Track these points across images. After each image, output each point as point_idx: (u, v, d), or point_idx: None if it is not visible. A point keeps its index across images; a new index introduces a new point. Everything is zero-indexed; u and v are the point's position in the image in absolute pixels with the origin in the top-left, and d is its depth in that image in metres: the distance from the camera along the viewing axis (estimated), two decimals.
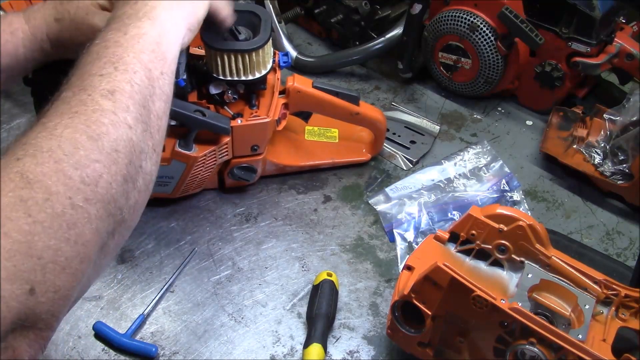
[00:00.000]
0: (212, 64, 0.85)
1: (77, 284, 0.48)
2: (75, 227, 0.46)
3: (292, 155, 1.00)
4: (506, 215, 0.71)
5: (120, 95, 0.52)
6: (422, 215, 0.95)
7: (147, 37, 0.58)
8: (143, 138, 0.53)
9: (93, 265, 0.50)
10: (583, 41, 1.02)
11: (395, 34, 1.13)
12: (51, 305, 0.46)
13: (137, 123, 0.53)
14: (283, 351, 0.80)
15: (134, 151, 0.52)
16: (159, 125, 0.57)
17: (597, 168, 0.99)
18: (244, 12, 0.87)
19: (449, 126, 1.12)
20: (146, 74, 0.55)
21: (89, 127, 0.49)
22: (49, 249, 0.45)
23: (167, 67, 0.59)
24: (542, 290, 0.67)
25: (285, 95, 0.92)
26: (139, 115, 0.53)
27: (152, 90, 0.56)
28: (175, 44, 0.61)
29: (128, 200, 0.52)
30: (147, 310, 0.83)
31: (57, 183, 0.46)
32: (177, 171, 0.88)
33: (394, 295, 0.71)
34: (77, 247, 0.47)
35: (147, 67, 0.56)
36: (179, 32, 0.62)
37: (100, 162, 0.49)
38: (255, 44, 0.84)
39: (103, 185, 0.49)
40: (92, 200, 0.48)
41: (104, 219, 0.49)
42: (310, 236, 0.93)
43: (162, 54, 0.58)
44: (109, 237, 0.51)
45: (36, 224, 0.44)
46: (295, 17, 1.25)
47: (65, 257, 0.46)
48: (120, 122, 0.51)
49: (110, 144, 0.50)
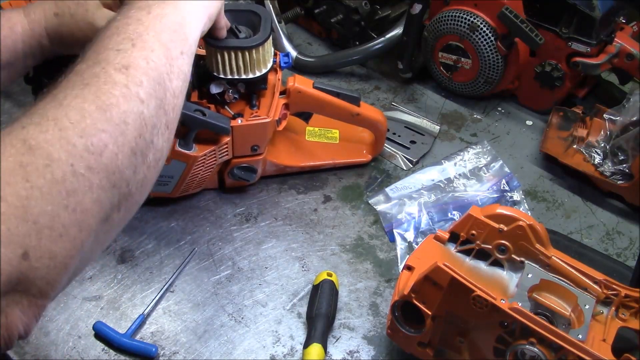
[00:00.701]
0: (213, 63, 0.85)
1: (77, 253, 0.48)
2: (75, 195, 0.46)
3: (292, 156, 1.00)
4: (506, 215, 0.71)
5: (135, 70, 0.53)
6: (422, 215, 0.95)
7: (170, 17, 0.59)
8: (156, 114, 0.54)
9: (95, 237, 0.49)
10: (583, 41, 1.02)
11: (395, 34, 1.13)
12: (46, 271, 0.45)
13: (149, 98, 0.53)
14: (283, 351, 0.80)
15: (145, 125, 0.52)
16: (174, 104, 0.57)
17: (597, 168, 0.99)
18: (244, 12, 0.87)
19: (449, 126, 1.12)
20: (164, 53, 0.56)
21: (98, 97, 0.50)
22: (45, 214, 0.44)
23: (188, 48, 0.60)
24: (542, 290, 0.67)
25: (285, 96, 0.92)
26: (153, 91, 0.53)
27: (170, 68, 0.56)
28: (197, 29, 0.63)
29: (136, 174, 0.52)
30: (147, 310, 0.83)
31: (60, 150, 0.46)
32: (177, 170, 0.88)
33: (394, 295, 0.71)
34: (76, 215, 0.46)
35: (167, 46, 0.56)
36: (200, 18, 0.64)
37: (106, 132, 0.49)
38: (255, 41, 0.84)
39: (108, 156, 0.49)
40: (95, 169, 0.47)
41: (107, 189, 0.49)
42: (310, 236, 0.93)
43: (183, 34, 0.59)
44: (114, 210, 0.50)
45: (34, 189, 0.44)
46: (295, 17, 1.25)
47: (62, 224, 0.46)
48: (131, 96, 0.51)
49: (120, 116, 0.50)
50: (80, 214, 0.47)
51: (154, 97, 0.54)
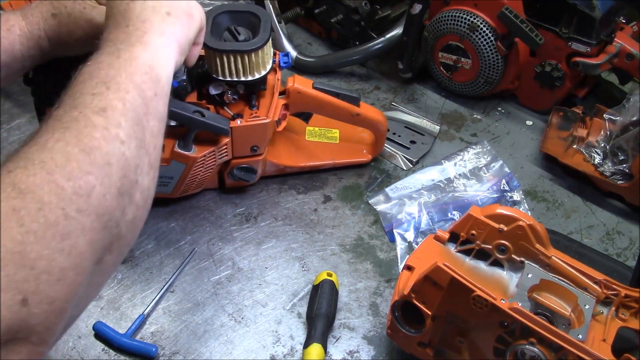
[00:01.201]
0: (212, 65, 0.85)
1: (73, 297, 0.47)
2: (69, 238, 0.46)
3: (292, 156, 1.00)
4: (506, 215, 0.71)
5: (112, 112, 0.52)
6: (422, 215, 0.95)
7: (140, 60, 0.58)
8: (137, 154, 0.53)
9: (89, 280, 0.49)
10: (583, 41, 1.02)
11: (395, 34, 1.13)
12: (45, 317, 0.45)
13: (130, 139, 0.53)
14: (283, 351, 0.80)
15: (128, 165, 0.52)
16: (154, 143, 0.57)
17: (597, 168, 0.99)
18: (243, 13, 0.87)
19: (449, 126, 1.12)
20: (139, 94, 0.56)
21: (80, 140, 0.49)
22: (42, 259, 0.44)
23: (161, 89, 0.59)
24: (542, 290, 0.67)
25: (285, 96, 0.92)
26: (132, 131, 0.53)
27: (147, 109, 0.56)
28: (168, 67, 0.62)
29: (124, 214, 0.52)
30: (147, 310, 0.83)
31: (50, 193, 0.46)
32: (177, 171, 0.88)
33: (394, 295, 0.71)
34: (72, 258, 0.46)
35: (141, 87, 0.56)
36: (171, 55, 0.63)
37: (92, 174, 0.48)
38: (254, 44, 0.84)
39: (96, 197, 0.48)
40: (86, 212, 0.47)
41: (98, 231, 0.49)
42: (310, 236, 0.93)
43: (155, 75, 0.58)
44: (105, 252, 0.50)
45: (29, 233, 0.44)
46: (295, 17, 1.25)
47: (59, 268, 0.45)
48: (112, 137, 0.51)
49: (103, 157, 0.50)
50: (75, 257, 0.46)
51: (134, 138, 0.53)
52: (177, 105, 0.82)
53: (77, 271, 0.47)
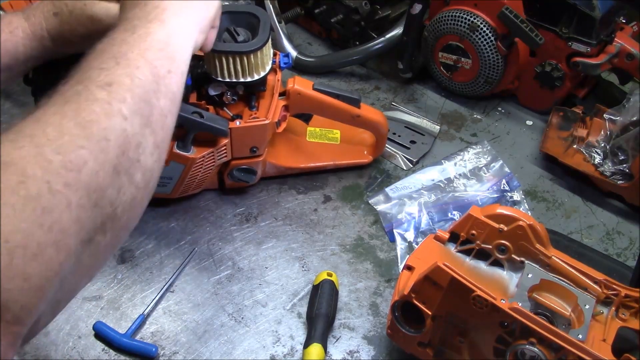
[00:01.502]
0: (211, 66, 0.85)
1: (54, 275, 0.45)
2: (51, 213, 0.44)
3: (292, 157, 1.00)
4: (506, 215, 0.71)
5: (118, 87, 0.51)
6: (422, 215, 0.95)
7: (155, 36, 0.57)
8: (141, 131, 0.52)
9: (77, 260, 0.47)
10: (583, 41, 1.02)
11: (395, 34, 1.13)
12: (19, 294, 0.43)
13: (133, 115, 0.51)
14: (283, 351, 0.80)
15: (129, 143, 0.50)
16: (163, 123, 0.55)
17: (597, 168, 0.99)
18: (242, 14, 0.87)
19: (449, 126, 1.12)
20: (151, 71, 0.55)
21: (78, 114, 0.48)
22: (17, 232, 0.42)
23: (176, 67, 0.58)
24: (542, 290, 0.67)
25: (285, 97, 0.92)
26: (137, 108, 0.52)
27: (157, 87, 0.55)
28: (186, 46, 0.61)
29: (121, 194, 0.50)
30: (147, 310, 0.83)
31: (35, 166, 0.44)
32: (176, 172, 0.88)
33: (394, 295, 0.71)
34: (52, 234, 0.44)
35: (153, 64, 0.55)
36: (190, 34, 0.62)
37: (86, 148, 0.47)
38: (253, 45, 0.83)
39: (87, 173, 0.46)
40: (74, 187, 0.45)
41: (87, 208, 0.46)
42: (310, 236, 0.93)
43: (171, 52, 0.58)
44: (97, 232, 0.48)
45: (6, 206, 0.42)
46: (295, 17, 1.25)
47: (37, 243, 0.43)
48: (113, 112, 0.50)
49: (100, 132, 0.48)
50: (57, 233, 0.44)
51: (139, 115, 0.52)
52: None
53: (58, 248, 0.44)
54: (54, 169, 0.45)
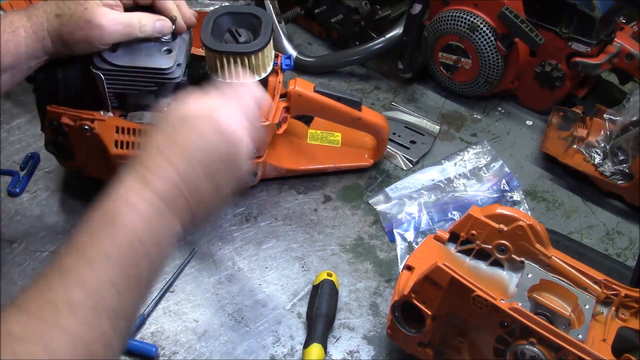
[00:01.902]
0: (212, 66, 0.85)
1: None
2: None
3: (293, 159, 1.00)
4: (506, 215, 0.71)
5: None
6: (422, 215, 0.95)
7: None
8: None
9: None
10: (583, 41, 1.02)
11: (395, 34, 1.13)
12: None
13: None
14: (283, 351, 0.80)
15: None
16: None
17: (597, 168, 0.99)
18: (244, 14, 0.87)
19: (449, 126, 1.12)
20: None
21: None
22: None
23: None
24: (542, 290, 0.67)
25: (286, 99, 0.92)
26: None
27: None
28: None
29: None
30: (147, 310, 0.83)
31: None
32: None
33: (394, 295, 0.71)
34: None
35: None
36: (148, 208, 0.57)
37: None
38: (255, 46, 0.83)
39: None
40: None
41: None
42: (310, 236, 0.93)
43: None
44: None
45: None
46: (295, 17, 1.25)
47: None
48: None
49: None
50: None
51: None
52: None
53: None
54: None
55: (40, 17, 0.76)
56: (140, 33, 0.80)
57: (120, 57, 0.80)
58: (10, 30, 0.75)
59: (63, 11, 0.76)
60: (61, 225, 0.92)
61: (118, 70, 0.80)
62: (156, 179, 0.56)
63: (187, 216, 0.58)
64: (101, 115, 0.83)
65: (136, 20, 0.79)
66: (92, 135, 0.83)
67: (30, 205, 0.95)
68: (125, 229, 0.53)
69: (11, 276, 0.86)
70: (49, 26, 0.76)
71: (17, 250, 0.89)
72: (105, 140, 0.83)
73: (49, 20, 0.76)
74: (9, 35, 0.75)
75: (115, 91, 0.83)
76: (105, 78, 0.80)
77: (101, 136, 0.83)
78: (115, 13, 0.78)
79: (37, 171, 0.99)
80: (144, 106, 0.85)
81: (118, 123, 0.83)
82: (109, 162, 0.85)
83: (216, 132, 0.60)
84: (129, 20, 0.79)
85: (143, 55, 0.81)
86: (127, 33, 0.79)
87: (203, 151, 0.59)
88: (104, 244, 0.52)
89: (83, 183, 0.96)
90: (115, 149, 0.84)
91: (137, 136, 0.83)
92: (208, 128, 0.60)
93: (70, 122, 0.83)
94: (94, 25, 0.75)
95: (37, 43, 0.76)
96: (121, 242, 0.53)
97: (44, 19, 0.76)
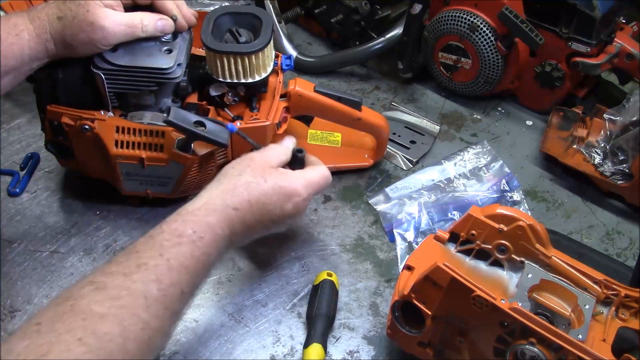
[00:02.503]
0: (212, 66, 0.85)
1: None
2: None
3: None
4: (506, 215, 0.71)
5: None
6: (422, 215, 0.95)
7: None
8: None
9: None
10: (583, 41, 1.02)
11: (395, 34, 1.13)
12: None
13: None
14: (283, 351, 0.80)
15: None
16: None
17: (597, 168, 0.99)
18: (245, 15, 0.87)
19: (449, 126, 1.12)
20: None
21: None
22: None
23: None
24: (542, 290, 0.67)
25: (286, 99, 0.92)
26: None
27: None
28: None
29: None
30: None
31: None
32: (175, 172, 0.88)
33: (394, 295, 0.71)
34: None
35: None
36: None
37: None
38: (255, 46, 0.83)
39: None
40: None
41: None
42: (310, 236, 0.93)
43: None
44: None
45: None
46: (295, 17, 1.25)
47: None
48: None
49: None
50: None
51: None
52: (178, 117, 0.80)
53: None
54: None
55: (43, 20, 0.76)
56: (143, 33, 0.80)
57: (121, 57, 0.80)
58: (15, 34, 0.75)
59: (65, 13, 0.76)
60: (61, 225, 0.92)
61: (118, 70, 0.80)
62: (227, 227, 0.72)
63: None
64: (101, 115, 0.83)
65: (138, 21, 0.80)
66: (92, 135, 0.83)
67: (30, 205, 0.95)
68: (204, 249, 0.68)
69: (11, 276, 0.86)
70: (51, 29, 0.76)
71: (17, 250, 0.89)
72: (105, 140, 0.83)
73: (51, 23, 0.76)
74: (13, 38, 0.75)
75: (115, 91, 0.83)
76: (105, 78, 0.80)
77: (101, 136, 0.83)
78: (117, 14, 0.78)
79: (37, 171, 0.99)
80: (144, 106, 0.85)
81: (118, 123, 0.83)
82: (109, 162, 0.85)
83: (287, 216, 0.77)
84: (131, 21, 0.79)
85: (143, 55, 0.81)
86: (130, 33, 0.79)
87: (270, 217, 0.76)
88: (182, 257, 0.66)
89: (83, 183, 0.96)
90: (115, 149, 0.84)
91: (137, 136, 0.83)
92: (282, 213, 0.77)
93: (70, 122, 0.83)
94: (96, 27, 0.75)
95: (40, 46, 0.77)
96: (197, 256, 0.67)
97: (47, 21, 0.76)
